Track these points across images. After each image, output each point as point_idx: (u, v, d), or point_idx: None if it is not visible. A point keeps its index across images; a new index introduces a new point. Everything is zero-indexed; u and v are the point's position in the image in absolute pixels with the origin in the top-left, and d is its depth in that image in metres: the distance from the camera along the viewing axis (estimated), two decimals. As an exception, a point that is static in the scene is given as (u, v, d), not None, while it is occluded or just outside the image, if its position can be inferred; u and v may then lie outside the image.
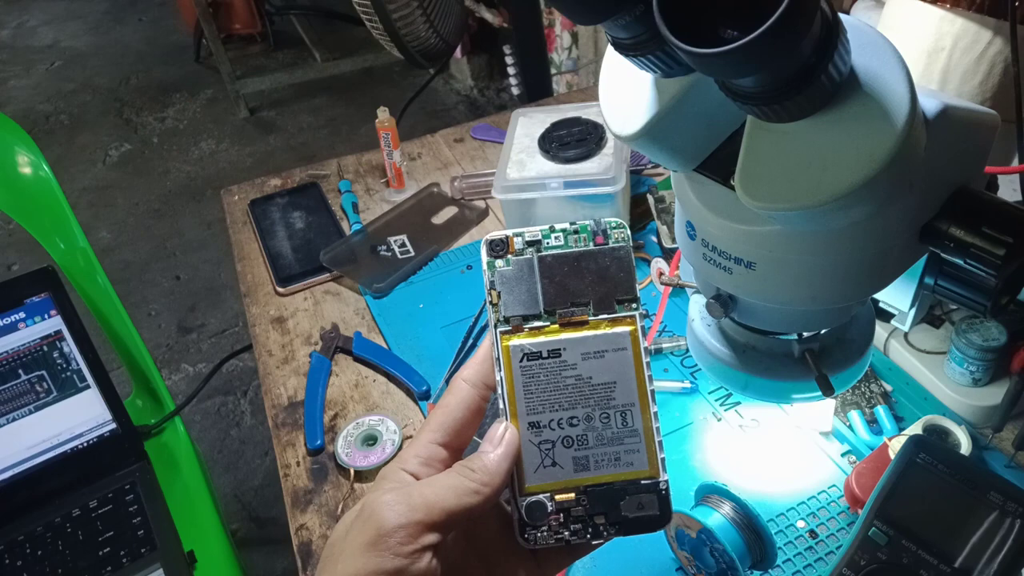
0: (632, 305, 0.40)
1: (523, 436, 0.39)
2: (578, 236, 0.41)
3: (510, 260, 0.40)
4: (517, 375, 0.39)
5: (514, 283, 0.40)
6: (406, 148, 1.19)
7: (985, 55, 0.63)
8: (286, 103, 3.25)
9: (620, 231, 0.40)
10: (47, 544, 0.87)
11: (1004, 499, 0.52)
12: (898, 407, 0.71)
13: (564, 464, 0.39)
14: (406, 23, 1.10)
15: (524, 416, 0.39)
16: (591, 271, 0.40)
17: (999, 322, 0.68)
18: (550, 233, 0.41)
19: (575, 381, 0.39)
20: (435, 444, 0.39)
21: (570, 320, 0.40)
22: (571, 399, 0.39)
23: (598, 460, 0.39)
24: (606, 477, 0.39)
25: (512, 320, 0.40)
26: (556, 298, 0.40)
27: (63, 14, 4.23)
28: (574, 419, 0.39)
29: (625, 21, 0.34)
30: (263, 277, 0.99)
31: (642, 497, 0.38)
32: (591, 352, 0.39)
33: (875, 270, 0.41)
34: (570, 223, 0.41)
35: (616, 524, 0.38)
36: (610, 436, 0.39)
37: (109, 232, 2.60)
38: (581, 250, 0.40)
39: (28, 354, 0.90)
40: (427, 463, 0.38)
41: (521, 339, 0.40)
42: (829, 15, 0.30)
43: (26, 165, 1.06)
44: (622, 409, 0.39)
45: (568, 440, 0.39)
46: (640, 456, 0.39)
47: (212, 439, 1.86)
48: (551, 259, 0.40)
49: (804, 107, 0.33)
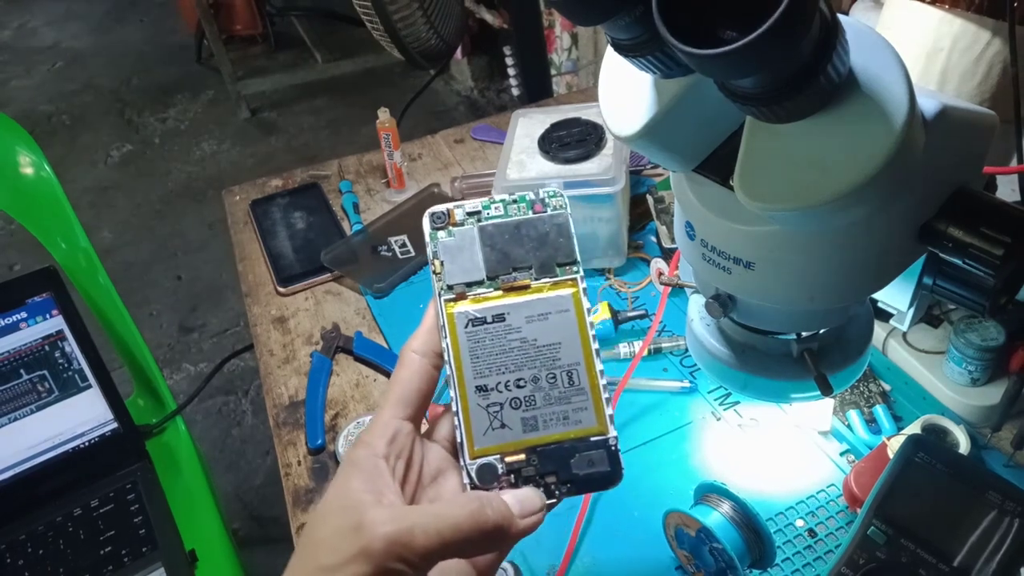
0: (573, 268, 0.41)
1: (470, 400, 0.40)
2: (517, 205, 0.42)
3: (452, 231, 0.42)
4: (463, 341, 0.40)
5: (456, 252, 0.41)
6: (407, 149, 1.20)
7: (984, 56, 0.63)
8: (287, 104, 3.25)
9: (558, 199, 0.42)
10: (49, 543, 0.88)
11: (1002, 498, 0.53)
12: (897, 406, 0.71)
13: (513, 425, 0.39)
14: (406, 24, 1.10)
15: (471, 380, 0.40)
16: (531, 238, 0.41)
17: (997, 322, 0.68)
18: (490, 204, 0.42)
19: (520, 344, 0.40)
20: (399, 419, 0.39)
21: (512, 285, 0.41)
22: (517, 361, 0.40)
23: (546, 420, 0.39)
24: (555, 436, 0.39)
25: (455, 288, 0.41)
26: (498, 265, 0.41)
27: (64, 15, 4.23)
28: (521, 381, 0.40)
29: (624, 22, 0.34)
30: (264, 277, 0.99)
31: (592, 454, 0.39)
32: (535, 315, 0.40)
33: (874, 270, 0.42)
34: (508, 195, 0.42)
35: (567, 483, 0.39)
36: (557, 396, 0.40)
37: (111, 232, 2.60)
38: (521, 218, 0.42)
39: (30, 354, 0.90)
40: (394, 441, 0.38)
41: (465, 306, 0.41)
42: (828, 16, 0.30)
43: (28, 165, 1.06)
44: (568, 369, 0.40)
45: (516, 402, 0.40)
46: (588, 414, 0.39)
47: (213, 438, 1.86)
48: (492, 228, 0.42)
49: (803, 108, 0.33)
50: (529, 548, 0.64)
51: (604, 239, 0.88)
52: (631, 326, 0.82)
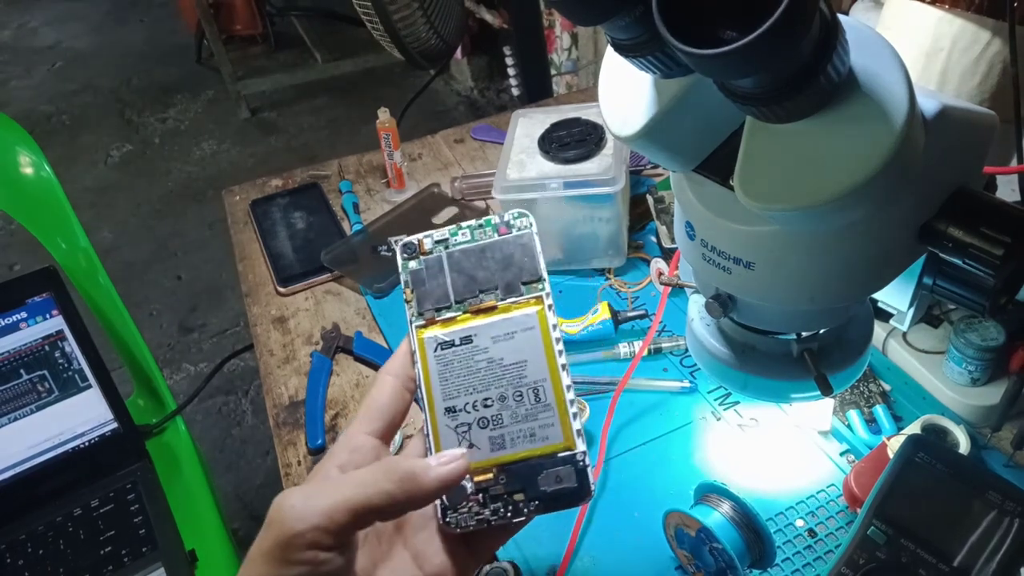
0: (538, 286, 0.42)
1: (439, 422, 0.40)
2: (483, 230, 0.43)
3: (421, 260, 0.43)
4: (432, 364, 0.41)
5: (426, 280, 0.43)
6: (407, 149, 1.20)
7: (984, 56, 0.63)
8: (287, 104, 3.25)
9: (523, 219, 0.43)
10: (49, 543, 0.88)
11: (1002, 498, 0.52)
12: (897, 406, 0.71)
13: (481, 445, 0.40)
14: (406, 24, 1.10)
15: (440, 402, 0.40)
16: (496, 260, 0.42)
17: (997, 322, 0.68)
18: (457, 231, 0.43)
19: (487, 364, 0.41)
20: (364, 434, 0.40)
21: (480, 307, 0.42)
22: (484, 381, 0.41)
23: (514, 437, 0.40)
24: (522, 454, 0.40)
25: (426, 314, 0.42)
26: (464, 289, 0.42)
27: (64, 15, 4.23)
28: (488, 400, 0.40)
29: (625, 22, 0.34)
30: (264, 277, 0.99)
31: (559, 470, 0.39)
32: (501, 335, 0.41)
33: (874, 270, 0.42)
34: (475, 220, 0.43)
35: (535, 500, 0.39)
36: (524, 413, 0.40)
37: (111, 232, 2.60)
38: (486, 242, 0.43)
39: (30, 354, 0.90)
40: (356, 451, 0.39)
41: (435, 330, 0.42)
42: (828, 16, 0.30)
43: (28, 165, 1.06)
44: (534, 386, 0.40)
45: (484, 421, 0.40)
46: (555, 430, 0.40)
47: (213, 438, 1.86)
48: (459, 253, 0.43)
49: (803, 107, 0.33)
50: (529, 548, 0.64)
51: (604, 239, 0.88)
52: (631, 326, 0.82)
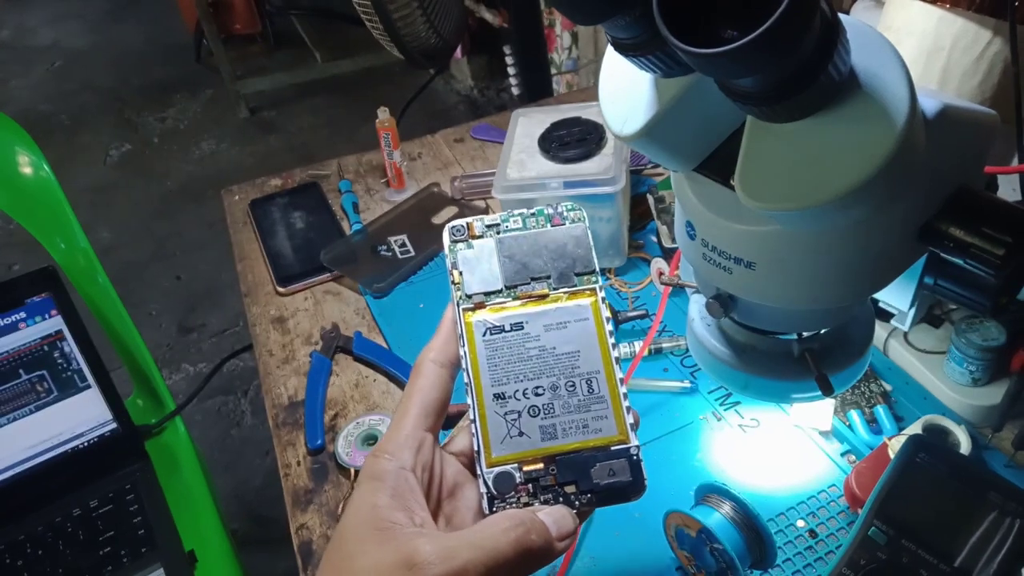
0: (591, 278, 0.41)
1: (488, 408, 0.39)
2: (536, 219, 0.42)
3: (471, 243, 0.42)
4: (480, 349, 0.40)
5: (475, 263, 0.42)
6: (406, 148, 1.20)
7: (984, 55, 0.63)
8: (286, 103, 3.25)
9: (576, 212, 0.42)
10: (48, 544, 0.87)
11: (1004, 499, 0.52)
12: (898, 407, 0.71)
13: (531, 434, 0.39)
14: (406, 23, 1.10)
15: (489, 388, 0.39)
16: (549, 249, 0.42)
17: (999, 322, 0.68)
18: (508, 217, 0.42)
19: (539, 352, 0.40)
20: (422, 430, 0.39)
21: (530, 295, 0.41)
22: (535, 369, 0.40)
23: (565, 428, 0.39)
24: (574, 445, 0.39)
25: (474, 297, 0.41)
26: (516, 275, 0.41)
27: (63, 14, 4.23)
28: (539, 388, 0.39)
29: (625, 21, 0.34)
30: (263, 277, 0.99)
31: (613, 463, 0.38)
32: (553, 324, 0.40)
33: (875, 270, 0.42)
34: (526, 209, 0.42)
35: (588, 492, 0.38)
36: (576, 404, 0.39)
37: (110, 232, 2.60)
38: (539, 231, 0.42)
39: (29, 354, 0.90)
40: (419, 452, 0.38)
41: (484, 315, 0.41)
42: (829, 15, 0.30)
43: (27, 165, 1.06)
44: (587, 377, 0.40)
45: (534, 409, 0.39)
46: (608, 422, 0.39)
47: (213, 439, 1.86)
48: (510, 239, 0.42)
49: (804, 107, 0.33)
50: (529, 549, 0.64)
51: (604, 239, 0.88)
52: (631, 326, 0.82)
